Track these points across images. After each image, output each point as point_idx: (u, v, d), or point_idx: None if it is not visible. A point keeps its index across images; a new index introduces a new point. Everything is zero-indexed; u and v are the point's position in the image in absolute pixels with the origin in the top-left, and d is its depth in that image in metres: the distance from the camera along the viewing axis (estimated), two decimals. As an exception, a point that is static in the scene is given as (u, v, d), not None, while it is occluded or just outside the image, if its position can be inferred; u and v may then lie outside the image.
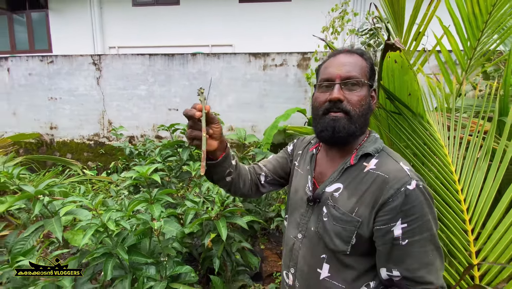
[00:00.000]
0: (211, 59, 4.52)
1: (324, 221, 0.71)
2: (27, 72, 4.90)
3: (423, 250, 0.61)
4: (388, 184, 0.63)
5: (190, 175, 1.70)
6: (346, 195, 0.69)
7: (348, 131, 0.67)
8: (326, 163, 0.78)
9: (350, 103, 0.67)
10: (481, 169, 0.76)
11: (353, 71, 0.68)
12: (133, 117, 4.83)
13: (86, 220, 1.13)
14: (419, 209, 0.60)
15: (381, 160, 0.68)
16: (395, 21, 1.33)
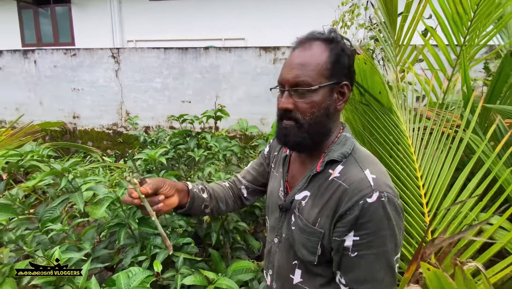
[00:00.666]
0: (223, 53, 4.65)
1: (292, 229, 0.69)
2: (52, 65, 5.25)
3: (373, 266, 0.57)
4: (348, 195, 0.58)
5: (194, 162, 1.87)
6: (310, 204, 0.66)
7: (296, 140, 0.64)
8: (297, 167, 0.75)
9: (299, 111, 0.62)
10: (439, 158, 0.86)
11: (303, 75, 0.60)
12: (149, 109, 5.08)
13: (103, 194, 1.32)
14: (375, 224, 0.56)
15: (346, 167, 0.63)
16: (389, 19, 1.41)
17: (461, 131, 0.84)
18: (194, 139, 2.09)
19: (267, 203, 0.83)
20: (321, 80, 0.61)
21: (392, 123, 0.97)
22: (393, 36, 1.45)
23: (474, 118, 0.84)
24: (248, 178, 0.92)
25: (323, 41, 0.63)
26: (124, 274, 1.07)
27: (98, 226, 1.40)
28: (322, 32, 0.65)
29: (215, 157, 1.97)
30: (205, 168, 1.56)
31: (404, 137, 0.90)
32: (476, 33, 1.23)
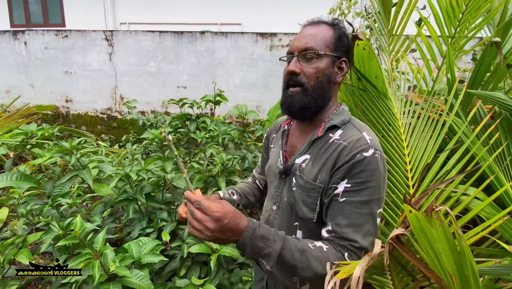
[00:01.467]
0: (219, 38, 4.62)
1: (294, 190, 0.74)
2: (43, 46, 5.11)
3: (357, 211, 0.62)
4: (347, 150, 0.65)
5: (197, 143, 1.94)
6: (310, 164, 0.71)
7: (301, 104, 0.69)
8: (297, 136, 0.80)
9: (305, 75, 0.69)
10: (425, 138, 0.95)
11: (311, 42, 0.68)
12: (143, 93, 5.04)
13: (111, 172, 1.39)
14: (367, 175, 0.62)
15: (346, 131, 0.70)
16: (383, 9, 1.48)
17: (445, 115, 0.93)
18: (194, 123, 2.15)
19: (267, 178, 0.89)
20: (326, 50, 0.69)
21: (385, 107, 1.05)
22: (387, 26, 1.52)
23: (457, 103, 0.94)
24: (259, 171, 1.03)
25: (329, 24, 0.73)
26: (135, 243, 1.16)
27: (105, 202, 1.47)
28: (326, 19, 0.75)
29: (214, 140, 2.04)
30: (206, 150, 1.63)
31: (395, 119, 0.99)
32: (466, 25, 1.32)
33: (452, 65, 0.98)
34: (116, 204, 1.36)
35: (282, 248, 0.58)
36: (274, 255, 0.58)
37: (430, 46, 1.41)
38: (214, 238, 0.56)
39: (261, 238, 0.58)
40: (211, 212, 0.55)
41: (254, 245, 0.57)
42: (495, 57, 0.93)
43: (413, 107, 1.02)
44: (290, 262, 0.58)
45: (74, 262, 0.90)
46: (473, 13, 1.25)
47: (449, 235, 0.44)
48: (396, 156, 0.96)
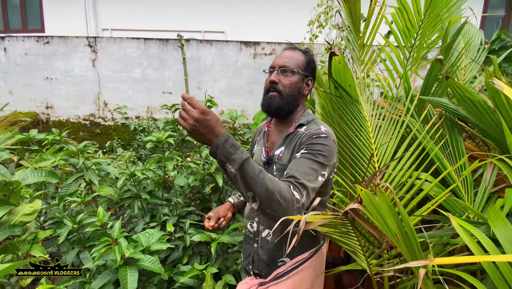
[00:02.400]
0: (204, 46, 4.79)
1: (275, 175, 0.94)
2: (23, 52, 5.00)
3: (305, 163, 0.82)
4: (307, 134, 0.89)
5: (191, 146, 2.08)
6: (286, 152, 0.94)
7: (277, 105, 0.92)
8: (275, 135, 1.02)
9: (282, 85, 0.92)
10: (388, 135, 1.18)
11: (289, 62, 0.93)
12: (128, 99, 5.07)
13: (115, 172, 1.51)
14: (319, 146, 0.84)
15: (309, 126, 0.94)
16: (353, 26, 1.72)
17: (403, 116, 1.17)
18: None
19: None
20: (298, 69, 0.94)
21: (357, 111, 1.28)
22: (357, 40, 1.77)
23: (412, 107, 1.17)
24: None
25: (302, 51, 1.00)
26: (143, 234, 1.29)
27: (109, 200, 1.58)
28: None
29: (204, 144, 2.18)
30: (202, 151, 1.79)
31: (365, 121, 1.21)
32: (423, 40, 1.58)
33: (407, 77, 1.22)
34: (121, 201, 1.47)
35: (247, 159, 0.71)
36: (239, 161, 0.69)
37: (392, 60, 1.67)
38: (194, 128, 0.67)
39: (232, 145, 0.70)
40: (198, 106, 0.67)
41: (225, 149, 0.69)
42: (440, 70, 1.18)
43: (379, 110, 1.25)
44: (250, 174, 0.70)
45: (96, 248, 1.02)
46: (427, 32, 1.53)
47: (389, 203, 0.65)
48: (366, 151, 1.18)
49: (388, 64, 1.72)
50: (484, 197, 1.10)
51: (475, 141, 1.36)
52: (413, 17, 1.48)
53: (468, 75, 1.65)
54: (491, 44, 2.26)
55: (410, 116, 1.20)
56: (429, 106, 1.21)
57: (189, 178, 1.59)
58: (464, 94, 1.04)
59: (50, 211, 1.53)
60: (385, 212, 0.66)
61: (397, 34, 1.53)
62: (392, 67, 1.65)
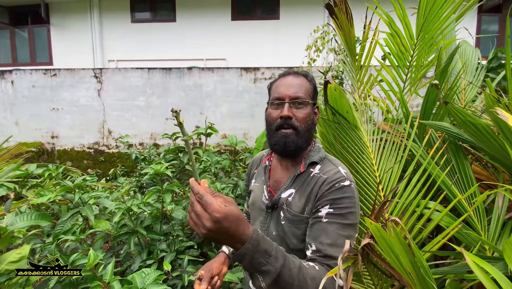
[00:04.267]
0: (206, 73, 4.91)
1: (283, 224, 0.79)
2: (30, 85, 5.19)
3: (337, 233, 0.68)
4: (327, 181, 0.74)
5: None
6: (297, 198, 0.78)
7: (296, 145, 0.78)
8: (280, 172, 0.87)
9: (297, 120, 0.78)
10: (391, 161, 1.14)
11: (300, 92, 0.79)
12: (132, 126, 5.14)
13: (112, 206, 1.47)
14: (346, 201, 0.71)
15: (324, 166, 0.80)
16: (349, 51, 1.74)
17: (405, 141, 1.13)
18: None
19: (251, 213, 0.92)
20: (309, 99, 0.81)
21: (357, 137, 1.24)
22: (353, 64, 1.78)
23: (413, 131, 1.14)
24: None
25: (304, 75, 0.85)
26: (138, 275, 1.22)
27: (106, 235, 1.53)
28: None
29: (206, 170, 2.16)
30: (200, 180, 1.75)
31: (366, 146, 1.17)
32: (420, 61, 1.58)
33: (404, 102, 1.20)
34: (118, 237, 1.42)
35: (283, 265, 0.57)
36: (274, 274, 0.55)
37: (388, 82, 1.66)
38: (209, 236, 0.52)
39: (264, 253, 0.55)
40: (211, 211, 0.50)
41: (255, 259, 0.54)
42: (437, 95, 1.16)
43: (380, 135, 1.22)
44: (287, 280, 0.57)
45: (86, 293, 0.96)
46: (421, 56, 1.53)
47: (401, 238, 0.59)
48: (369, 178, 1.13)
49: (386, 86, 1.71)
50: (498, 225, 1.03)
51: (482, 164, 1.31)
52: (406, 41, 1.49)
53: (469, 95, 1.63)
54: (489, 62, 2.26)
55: (412, 141, 1.17)
56: (431, 130, 1.18)
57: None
58: (466, 118, 1.01)
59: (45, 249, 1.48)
60: (397, 248, 0.60)
61: (391, 58, 1.53)
62: (389, 88, 1.64)
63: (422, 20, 1.36)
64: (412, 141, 1.17)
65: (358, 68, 1.78)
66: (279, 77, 0.85)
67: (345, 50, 1.77)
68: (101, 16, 6.31)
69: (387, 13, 1.40)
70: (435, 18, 1.36)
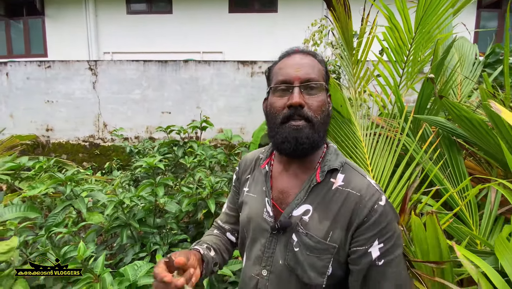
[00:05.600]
0: (202, 66, 4.86)
1: (295, 251, 0.61)
2: (25, 77, 5.11)
3: (398, 270, 0.56)
4: (362, 202, 0.58)
5: (185, 168, 2.03)
6: (317, 218, 0.60)
7: (312, 141, 0.59)
8: (287, 180, 0.67)
9: (311, 109, 0.59)
10: (384, 155, 1.13)
11: (312, 73, 0.60)
12: (127, 120, 5.10)
13: (105, 199, 1.46)
14: (391, 227, 0.57)
15: (348, 175, 0.62)
16: (346, 44, 1.72)
17: (398, 135, 1.13)
18: (182, 148, 2.26)
19: (244, 232, 0.72)
20: (323, 81, 0.62)
21: (351, 131, 1.24)
22: (350, 58, 1.77)
23: (407, 126, 1.13)
24: (231, 220, 0.82)
25: (313, 55, 0.65)
26: (130, 267, 1.22)
27: (97, 230, 1.52)
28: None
29: (201, 164, 2.15)
30: (195, 174, 1.74)
31: (359, 141, 1.17)
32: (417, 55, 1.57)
33: (400, 96, 1.19)
34: (110, 230, 1.41)
35: None
36: None
37: (385, 77, 1.65)
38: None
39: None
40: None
41: None
42: (433, 89, 1.15)
43: (374, 129, 1.21)
44: None
45: (77, 286, 0.95)
46: (418, 50, 1.51)
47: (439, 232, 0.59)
48: (362, 172, 1.13)
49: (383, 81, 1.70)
50: (490, 220, 1.03)
51: (475, 159, 1.31)
52: (404, 35, 1.47)
53: (465, 90, 1.63)
54: (486, 58, 2.25)
55: (406, 136, 1.16)
56: (425, 125, 1.17)
57: (184, 201, 1.53)
58: (461, 113, 1.00)
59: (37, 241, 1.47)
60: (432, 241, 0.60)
61: (389, 52, 1.51)
62: (385, 83, 1.63)
63: (421, 13, 1.34)
64: (406, 135, 1.17)
65: (354, 63, 1.76)
66: (281, 58, 0.66)
67: (342, 44, 1.75)
68: (96, 7, 6.20)
69: (386, 6, 1.38)
70: (434, 12, 1.35)
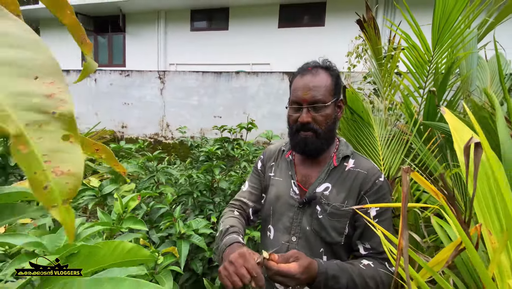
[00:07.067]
0: (251, 77, 5.42)
1: (320, 218, 0.78)
2: (109, 83, 6.30)
3: (386, 226, 0.75)
4: (367, 178, 0.78)
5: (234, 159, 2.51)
6: (335, 192, 0.79)
7: (316, 147, 0.79)
8: (308, 167, 0.86)
9: (317, 123, 0.77)
10: (394, 150, 1.41)
11: (318, 94, 0.75)
12: (185, 122, 5.89)
13: (177, 174, 1.98)
14: (386, 196, 0.78)
15: (357, 160, 0.83)
16: (376, 61, 2.01)
17: (407, 136, 1.39)
18: (231, 144, 2.75)
19: (272, 209, 0.87)
20: (330, 98, 0.77)
21: (369, 132, 1.54)
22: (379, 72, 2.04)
23: (415, 128, 1.40)
24: (253, 198, 0.96)
25: (325, 69, 0.80)
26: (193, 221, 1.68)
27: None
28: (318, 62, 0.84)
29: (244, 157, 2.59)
30: (241, 162, 2.18)
31: (376, 140, 1.46)
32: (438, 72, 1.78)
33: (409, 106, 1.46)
34: (179, 198, 1.92)
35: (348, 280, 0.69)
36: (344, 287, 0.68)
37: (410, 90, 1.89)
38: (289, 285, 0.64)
39: (332, 278, 0.68)
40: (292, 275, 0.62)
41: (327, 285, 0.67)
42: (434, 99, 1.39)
43: (388, 131, 1.50)
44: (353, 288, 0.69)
45: (163, 221, 1.44)
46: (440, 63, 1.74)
47: None
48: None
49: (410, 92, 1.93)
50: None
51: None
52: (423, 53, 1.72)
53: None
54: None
55: (414, 137, 1.42)
56: (431, 129, 1.42)
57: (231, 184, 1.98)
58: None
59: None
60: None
61: (410, 68, 1.77)
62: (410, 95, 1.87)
63: (436, 35, 1.59)
64: (414, 137, 1.43)
65: (384, 76, 2.03)
66: (298, 73, 0.83)
67: (373, 59, 2.05)
68: (166, 25, 7.30)
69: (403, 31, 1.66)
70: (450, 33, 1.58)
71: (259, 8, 6.61)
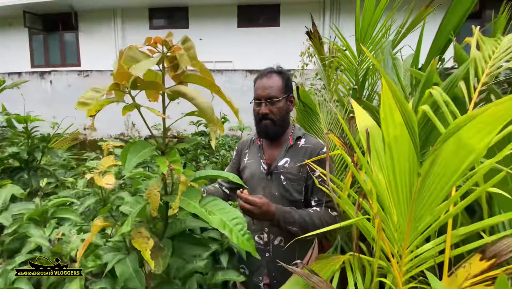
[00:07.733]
0: (216, 74, 5.73)
1: (284, 184, 1.04)
2: (67, 84, 6.08)
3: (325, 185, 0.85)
4: (314, 150, 1.04)
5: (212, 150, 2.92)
6: (292, 163, 1.04)
7: (274, 132, 1.06)
8: (273, 148, 1.12)
9: (273, 113, 1.03)
10: (335, 131, 1.97)
11: (272, 92, 1.02)
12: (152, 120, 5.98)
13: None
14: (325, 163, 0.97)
15: (307, 139, 1.09)
16: (321, 63, 2.56)
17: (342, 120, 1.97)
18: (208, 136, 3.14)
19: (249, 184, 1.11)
20: (281, 94, 1.06)
21: (316, 119, 2.08)
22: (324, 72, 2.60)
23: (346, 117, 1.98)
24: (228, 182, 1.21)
25: (277, 73, 1.08)
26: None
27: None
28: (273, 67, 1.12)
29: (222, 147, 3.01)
30: (220, 151, 2.60)
31: (321, 124, 2.01)
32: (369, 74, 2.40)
33: (343, 100, 2.04)
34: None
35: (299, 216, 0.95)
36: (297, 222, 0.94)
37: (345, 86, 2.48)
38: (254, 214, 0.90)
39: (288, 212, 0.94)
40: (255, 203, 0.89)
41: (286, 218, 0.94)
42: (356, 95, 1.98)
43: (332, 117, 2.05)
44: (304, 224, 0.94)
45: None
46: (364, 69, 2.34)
47: None
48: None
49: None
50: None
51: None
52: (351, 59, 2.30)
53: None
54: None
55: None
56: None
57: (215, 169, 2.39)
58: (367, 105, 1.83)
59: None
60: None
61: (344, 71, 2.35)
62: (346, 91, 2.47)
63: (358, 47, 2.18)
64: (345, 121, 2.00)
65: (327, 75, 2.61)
66: (257, 78, 1.11)
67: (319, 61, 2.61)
68: (123, 23, 7.17)
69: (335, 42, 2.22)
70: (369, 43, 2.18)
71: (218, 8, 6.89)
